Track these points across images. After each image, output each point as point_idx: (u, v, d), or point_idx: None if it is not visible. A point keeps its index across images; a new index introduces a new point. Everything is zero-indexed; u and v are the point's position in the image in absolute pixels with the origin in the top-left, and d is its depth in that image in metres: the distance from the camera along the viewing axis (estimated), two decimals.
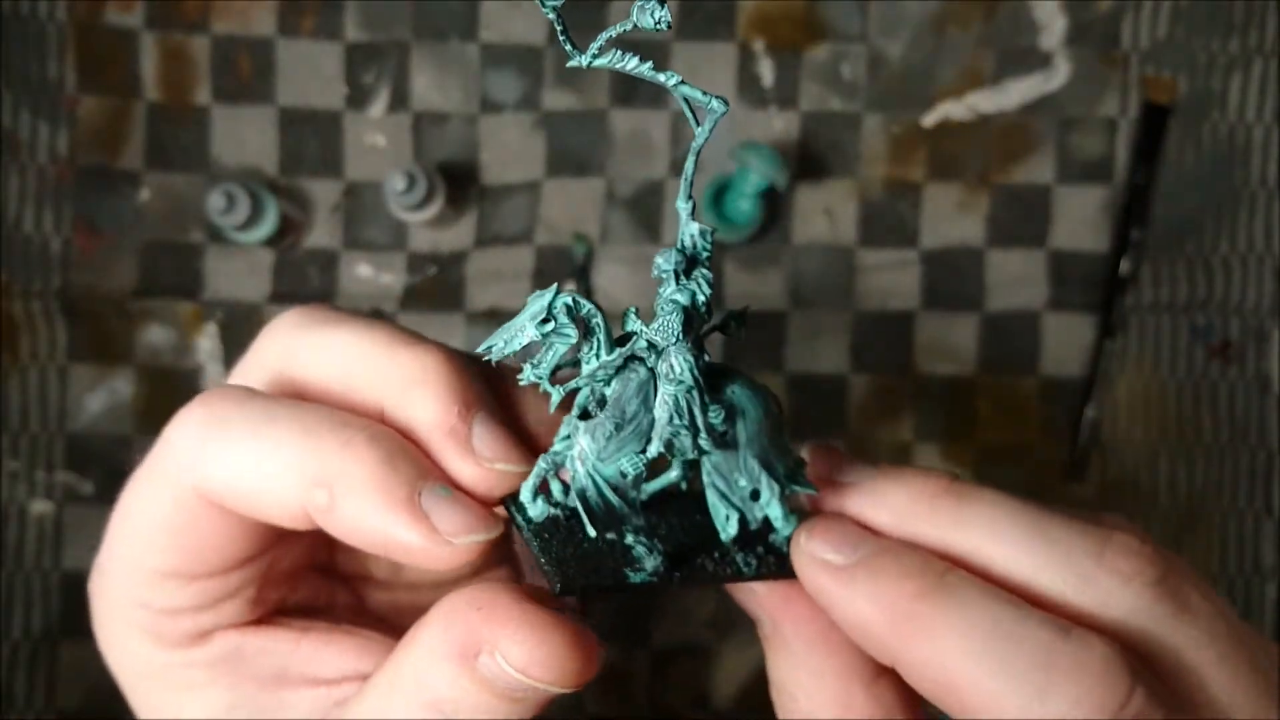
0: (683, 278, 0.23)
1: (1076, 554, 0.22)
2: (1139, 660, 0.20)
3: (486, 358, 0.23)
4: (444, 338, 0.56)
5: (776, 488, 0.24)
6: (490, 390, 0.26)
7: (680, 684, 0.55)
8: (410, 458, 0.24)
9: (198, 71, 0.54)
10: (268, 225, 0.51)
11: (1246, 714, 0.21)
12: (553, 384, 0.23)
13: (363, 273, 0.55)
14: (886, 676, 0.24)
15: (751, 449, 0.23)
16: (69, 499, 0.54)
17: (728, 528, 0.24)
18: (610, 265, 0.55)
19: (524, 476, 0.24)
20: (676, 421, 0.22)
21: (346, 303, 0.55)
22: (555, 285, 0.23)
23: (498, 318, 0.55)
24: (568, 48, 0.22)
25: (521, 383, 0.23)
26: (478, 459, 0.24)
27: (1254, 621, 0.56)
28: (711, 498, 0.24)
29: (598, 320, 0.23)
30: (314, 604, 0.29)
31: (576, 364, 0.23)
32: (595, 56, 0.22)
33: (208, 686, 0.26)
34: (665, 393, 0.22)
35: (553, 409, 0.24)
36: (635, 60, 0.22)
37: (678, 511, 0.25)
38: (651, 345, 0.23)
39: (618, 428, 0.22)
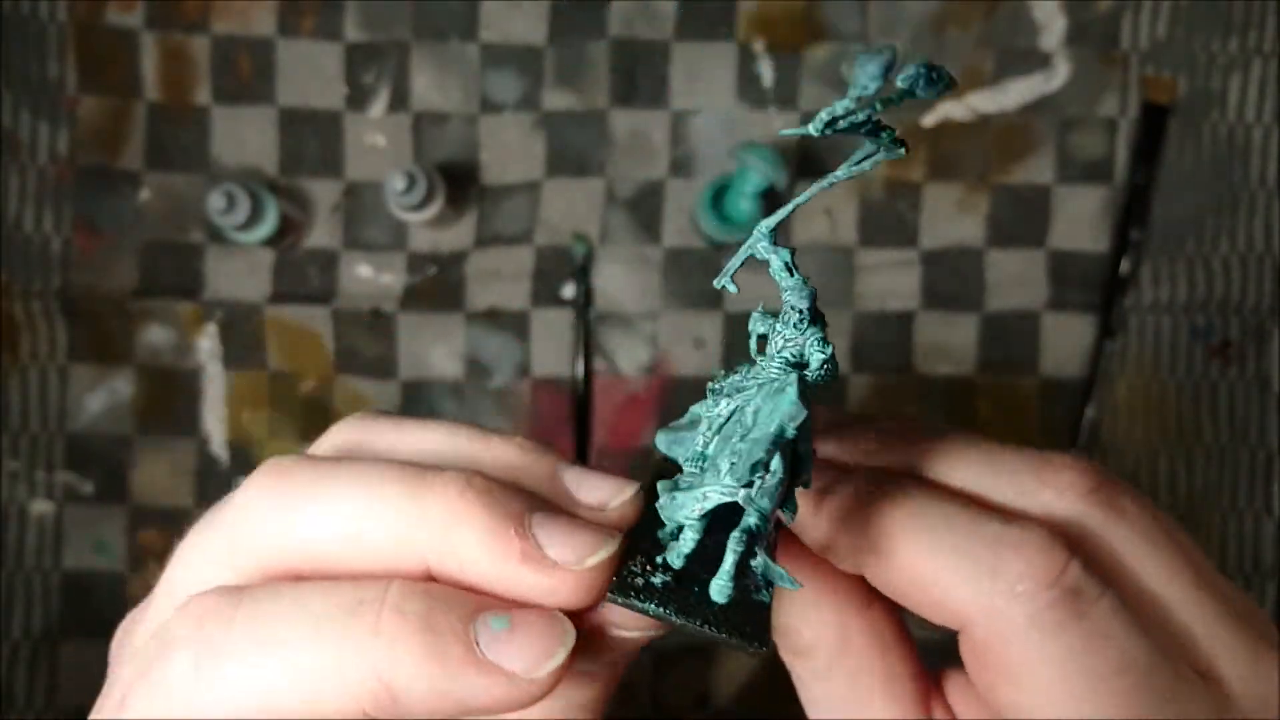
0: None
1: (1020, 473, 0.24)
2: (1076, 543, 0.22)
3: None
4: (444, 338, 0.57)
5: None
6: (535, 473, 0.23)
7: (681, 684, 0.55)
8: (450, 605, 0.20)
9: (198, 71, 0.55)
10: (268, 225, 0.51)
11: (1178, 601, 0.23)
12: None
13: (363, 273, 0.55)
14: (878, 602, 0.25)
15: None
16: (69, 499, 0.54)
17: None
18: (610, 265, 0.55)
19: (615, 559, 0.21)
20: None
21: (347, 303, 0.55)
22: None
23: (498, 318, 0.55)
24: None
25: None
26: (561, 569, 0.21)
27: None
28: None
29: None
30: None
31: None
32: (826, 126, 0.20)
33: None
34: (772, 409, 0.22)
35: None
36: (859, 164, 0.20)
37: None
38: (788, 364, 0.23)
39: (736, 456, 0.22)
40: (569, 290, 0.55)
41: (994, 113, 0.55)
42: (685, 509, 0.21)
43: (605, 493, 0.22)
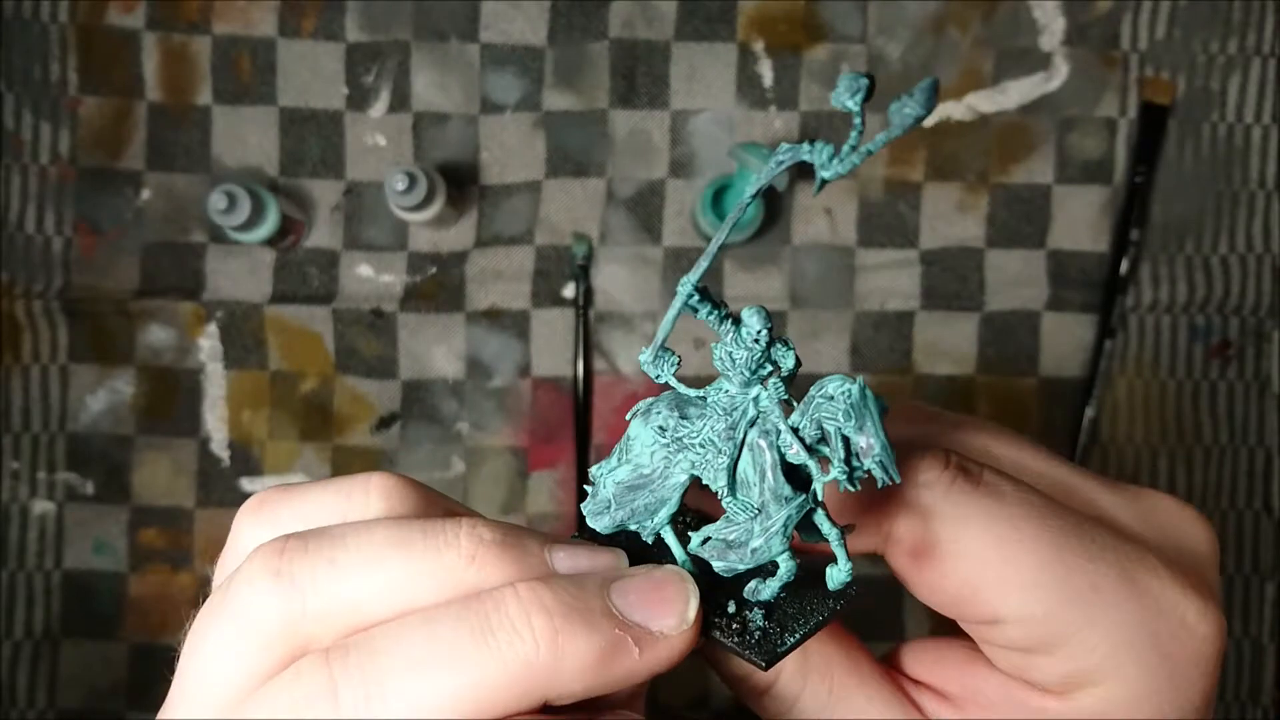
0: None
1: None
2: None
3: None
4: (444, 336, 0.57)
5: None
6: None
7: (680, 684, 0.55)
8: (585, 592, 0.21)
9: (198, 72, 0.55)
10: (268, 225, 0.51)
11: (1047, 468, 0.26)
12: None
13: (363, 273, 0.55)
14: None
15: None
16: (70, 499, 0.54)
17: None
18: (610, 265, 0.55)
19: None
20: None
21: (347, 303, 0.55)
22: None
23: (498, 317, 0.55)
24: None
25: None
26: (668, 638, 0.21)
27: (1254, 621, 0.56)
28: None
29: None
30: None
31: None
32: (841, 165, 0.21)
33: None
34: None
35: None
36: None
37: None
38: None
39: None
40: (569, 290, 0.55)
41: (994, 113, 0.55)
42: (768, 548, 0.22)
43: (669, 614, 0.22)
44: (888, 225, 0.55)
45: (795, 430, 0.22)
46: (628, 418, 0.23)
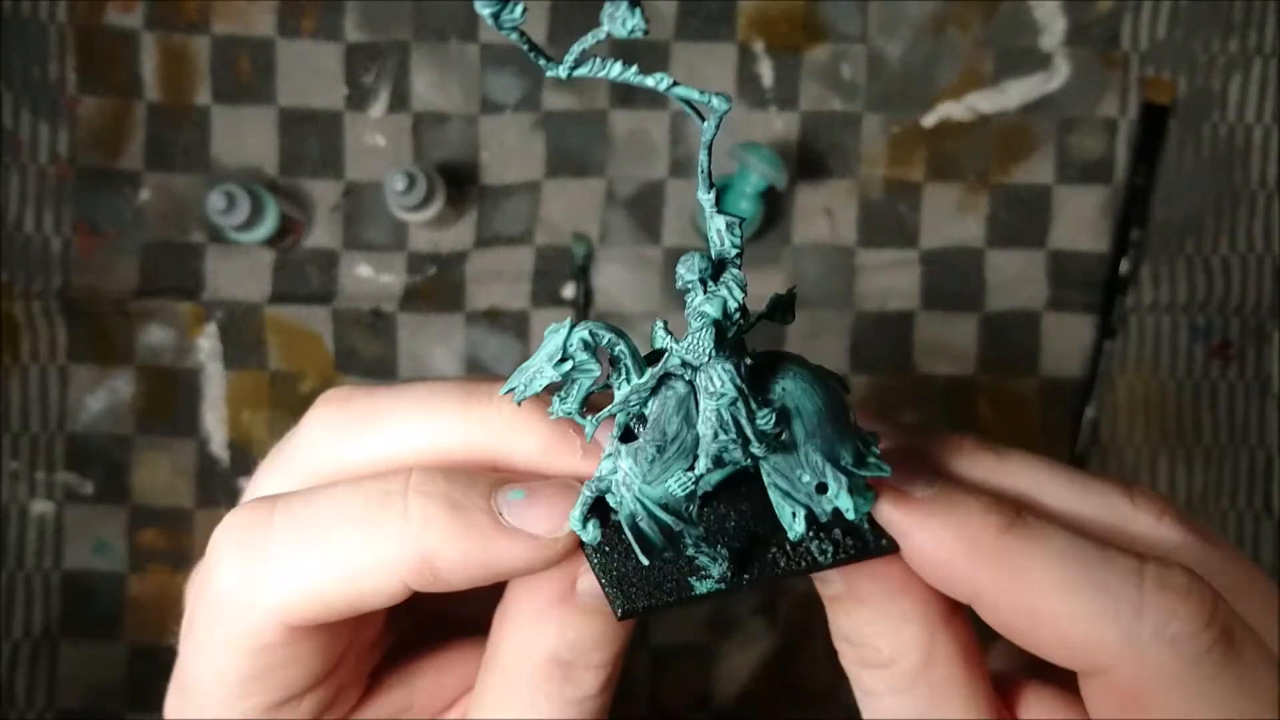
0: (710, 284, 0.21)
1: (1111, 498, 0.24)
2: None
3: (513, 398, 0.22)
4: (444, 338, 0.57)
5: (844, 479, 0.22)
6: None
7: (680, 684, 0.55)
8: (470, 483, 0.22)
9: (198, 72, 0.55)
10: (268, 225, 0.51)
11: (1262, 629, 0.22)
12: (584, 415, 0.22)
13: (363, 273, 0.55)
14: (959, 614, 0.25)
15: (813, 444, 0.22)
16: (69, 499, 0.54)
17: (795, 525, 0.23)
18: (610, 265, 0.55)
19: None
20: (723, 436, 0.21)
21: (346, 303, 0.55)
22: (569, 321, 0.21)
23: (498, 318, 0.55)
24: (540, 61, 0.19)
25: (551, 417, 0.22)
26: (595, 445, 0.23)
27: None
28: (774, 497, 0.23)
29: (621, 348, 0.21)
30: (405, 640, 0.28)
31: (609, 387, 0.22)
32: (573, 68, 0.20)
33: None
34: (707, 407, 0.21)
35: (589, 439, 0.22)
36: (619, 66, 0.19)
37: (748, 497, 0.24)
38: (685, 363, 0.21)
39: (660, 450, 0.21)
40: (569, 290, 0.55)
41: (994, 113, 0.55)
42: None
43: (544, 521, 0.23)
44: (888, 225, 0.55)
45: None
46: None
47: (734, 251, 0.21)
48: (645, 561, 0.22)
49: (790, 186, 0.55)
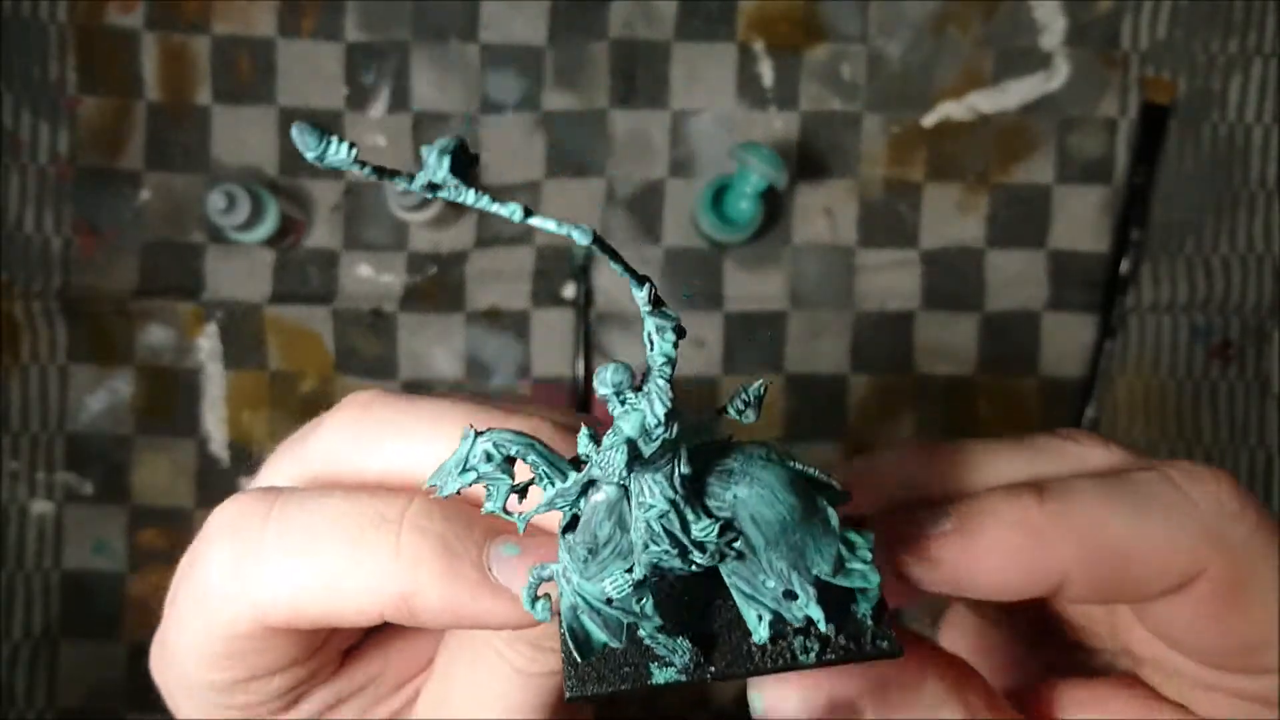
0: (630, 396, 0.19)
1: (1059, 447, 0.24)
2: None
3: (432, 493, 0.21)
4: (444, 337, 0.57)
5: (812, 590, 0.21)
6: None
7: (681, 685, 0.55)
8: (466, 528, 0.22)
9: (198, 72, 0.55)
10: (268, 225, 0.51)
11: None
12: (509, 511, 0.21)
13: (363, 273, 0.55)
14: (969, 669, 0.24)
15: (775, 551, 0.21)
16: (69, 499, 0.54)
17: (759, 629, 0.21)
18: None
19: None
20: (654, 547, 0.20)
21: (346, 303, 0.55)
22: (473, 432, 0.20)
23: (498, 318, 0.55)
24: (394, 181, 0.17)
25: (483, 513, 0.21)
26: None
27: None
28: (737, 598, 0.21)
29: (532, 458, 0.20)
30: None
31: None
32: (428, 191, 0.18)
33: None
34: (637, 517, 0.20)
35: (521, 531, 0.22)
36: (473, 194, 0.18)
37: (719, 585, 0.22)
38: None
39: (592, 552, 0.20)
40: (569, 290, 0.55)
41: (994, 113, 0.55)
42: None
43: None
44: (888, 225, 0.55)
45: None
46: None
47: (661, 360, 0.20)
48: (579, 659, 0.21)
49: (790, 186, 0.55)
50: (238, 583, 0.22)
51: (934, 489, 0.24)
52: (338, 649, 0.26)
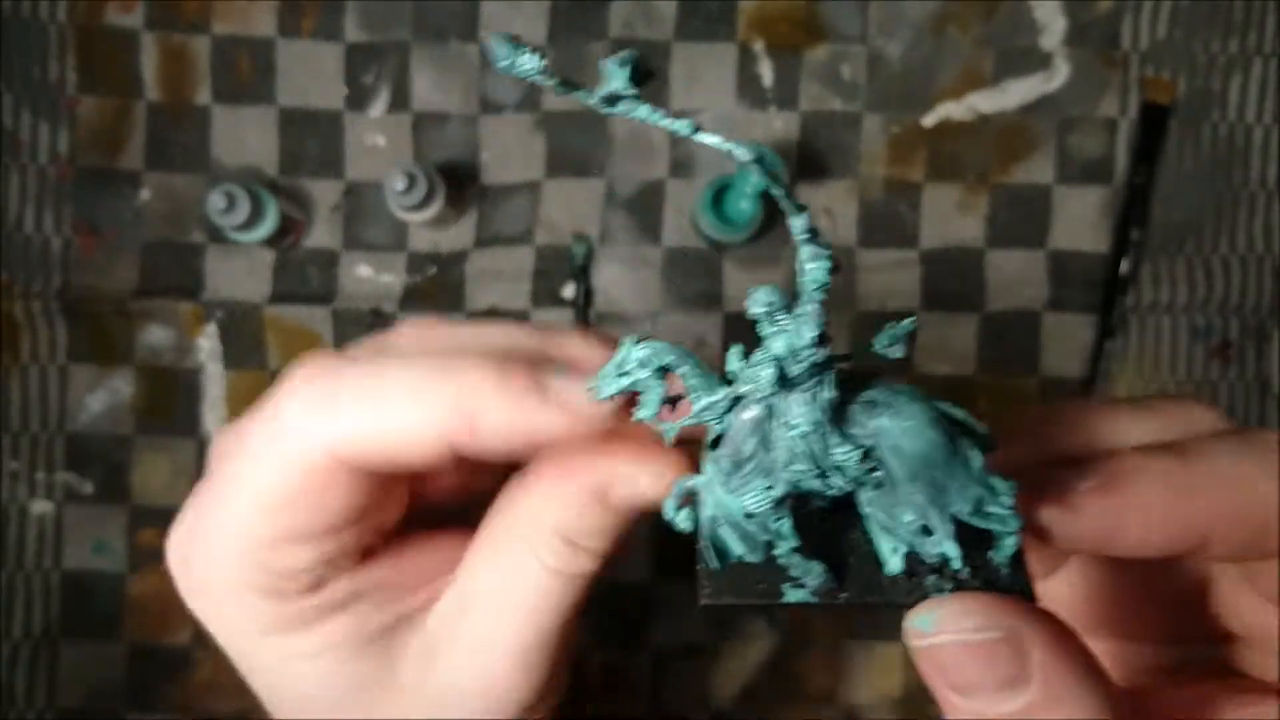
0: (781, 318, 0.20)
1: (1183, 412, 0.26)
2: None
3: (590, 396, 0.23)
4: None
5: (950, 526, 0.21)
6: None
7: (680, 685, 0.55)
8: (522, 357, 0.25)
9: (198, 71, 0.55)
10: (268, 225, 0.51)
11: None
12: (660, 420, 0.21)
13: (363, 273, 0.55)
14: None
15: (914, 485, 0.21)
16: (69, 499, 0.54)
17: (891, 561, 0.22)
18: (610, 265, 0.55)
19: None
20: (796, 467, 0.20)
21: (346, 303, 0.55)
22: (634, 337, 0.22)
23: (498, 318, 0.55)
24: (580, 96, 0.19)
25: (633, 422, 0.22)
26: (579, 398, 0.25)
27: None
28: (872, 529, 0.22)
29: (685, 369, 0.21)
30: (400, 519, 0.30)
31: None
32: (608, 107, 0.19)
33: (325, 621, 0.27)
34: (781, 435, 0.20)
35: (671, 443, 0.23)
36: (646, 109, 0.19)
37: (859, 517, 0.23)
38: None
39: (736, 466, 0.21)
40: (569, 290, 0.55)
41: (994, 113, 0.55)
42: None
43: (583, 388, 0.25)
44: (888, 225, 0.55)
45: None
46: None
47: (813, 286, 0.20)
48: (716, 565, 0.22)
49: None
50: (318, 418, 0.24)
51: (1071, 447, 0.25)
52: (364, 542, 0.27)
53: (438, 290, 0.55)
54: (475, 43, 0.55)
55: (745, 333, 0.22)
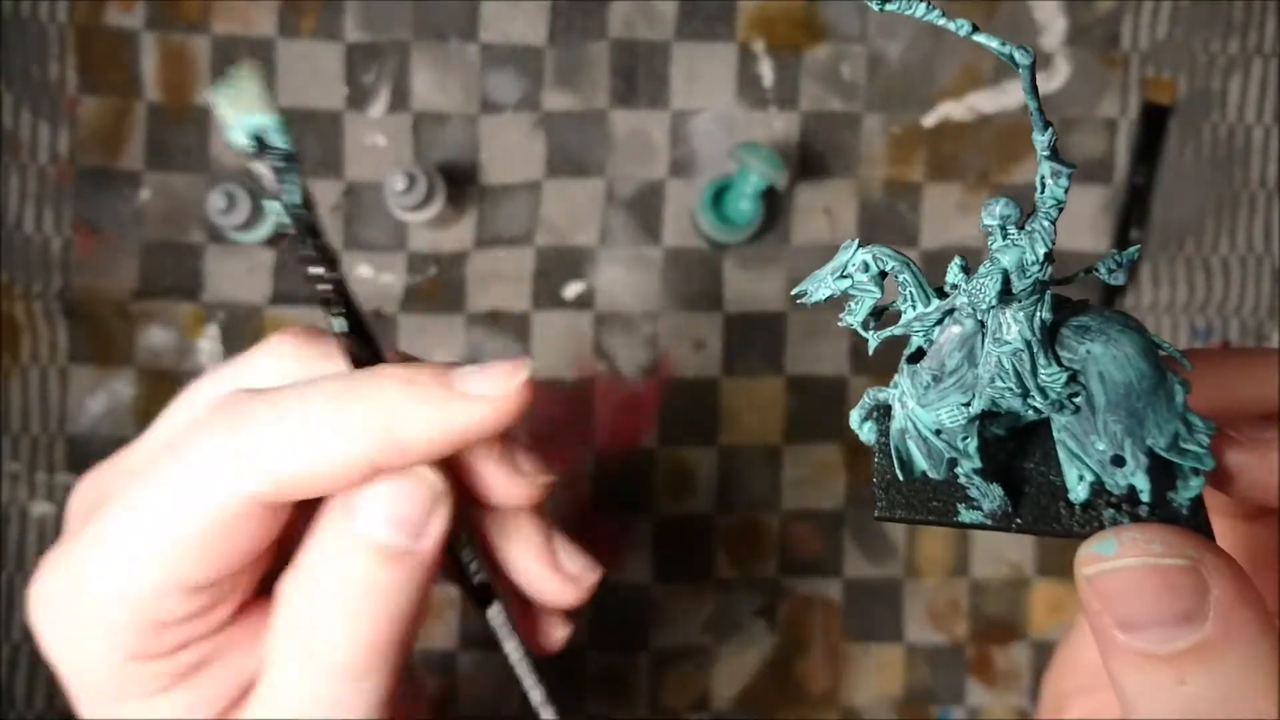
0: (1013, 231, 0.21)
1: None
2: None
3: (799, 300, 0.23)
4: (444, 338, 0.57)
5: (1143, 459, 0.21)
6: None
7: (680, 686, 0.55)
8: (423, 366, 0.26)
9: (198, 72, 0.55)
10: (267, 225, 0.51)
11: None
12: (867, 329, 0.22)
13: (363, 273, 0.55)
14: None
15: (1114, 414, 0.21)
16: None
17: (1077, 489, 0.22)
18: (610, 265, 0.55)
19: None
20: (1000, 383, 0.21)
21: None
22: (855, 241, 0.22)
23: (498, 319, 0.55)
24: None
25: (840, 325, 0.22)
26: (489, 397, 0.26)
27: None
28: (1061, 454, 0.22)
29: (905, 276, 0.22)
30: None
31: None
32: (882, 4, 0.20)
33: (172, 690, 0.26)
34: (990, 351, 0.21)
35: (871, 352, 0.23)
36: (923, 7, 0.20)
37: (1044, 442, 0.23)
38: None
39: (936, 379, 0.21)
40: (569, 291, 0.55)
41: (994, 113, 0.55)
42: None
43: (490, 380, 0.26)
44: (888, 225, 0.55)
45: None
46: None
47: (1050, 202, 0.21)
48: (900, 477, 0.22)
49: (790, 186, 0.55)
50: (234, 457, 0.24)
51: (1258, 394, 0.24)
52: (255, 581, 0.27)
53: (438, 290, 0.55)
54: (475, 43, 0.55)
55: (745, 332, 0.22)
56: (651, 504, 0.54)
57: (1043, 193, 0.21)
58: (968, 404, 0.21)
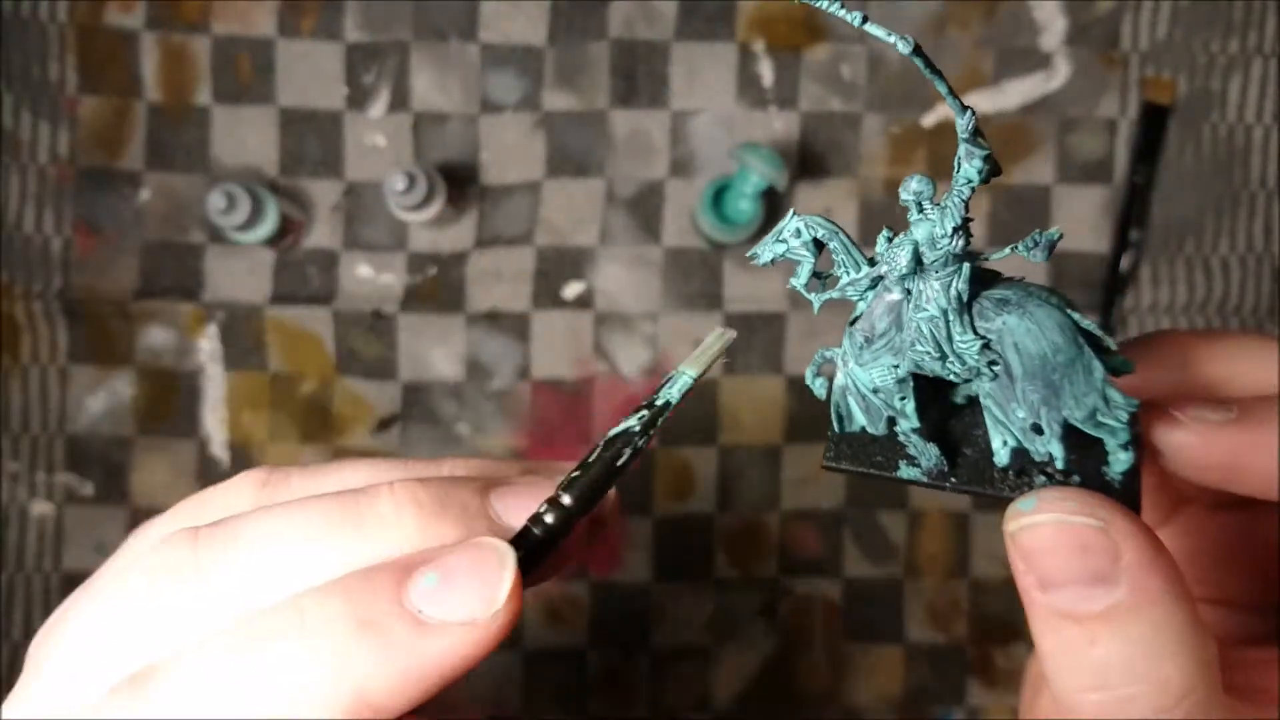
0: (927, 207, 0.23)
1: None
2: None
3: (751, 261, 0.23)
4: (444, 338, 0.57)
5: (1057, 428, 0.22)
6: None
7: (680, 686, 0.55)
8: (373, 590, 0.20)
9: (198, 72, 0.55)
10: (268, 225, 0.51)
11: None
12: (809, 291, 0.24)
13: (363, 273, 0.55)
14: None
15: (1030, 384, 0.22)
16: (69, 500, 0.54)
17: (1000, 453, 0.23)
18: (610, 265, 0.55)
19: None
20: (919, 348, 0.22)
21: (347, 303, 0.55)
22: (792, 210, 0.23)
23: (498, 319, 0.55)
24: None
25: (788, 288, 0.24)
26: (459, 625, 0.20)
27: None
28: (988, 419, 0.23)
29: (835, 243, 0.23)
30: None
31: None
32: None
33: None
34: (912, 316, 0.22)
35: (816, 312, 0.24)
36: None
37: (978, 409, 0.24)
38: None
39: (867, 340, 0.23)
40: (569, 291, 0.55)
41: (994, 113, 0.55)
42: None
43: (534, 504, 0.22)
44: (888, 225, 0.55)
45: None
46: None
47: (963, 181, 0.22)
48: (836, 430, 0.24)
49: (790, 186, 0.55)
50: None
51: (1213, 376, 0.25)
52: None
53: (438, 290, 0.55)
54: (475, 43, 0.55)
55: (746, 332, 0.23)
56: (651, 504, 0.54)
57: (958, 171, 0.22)
58: (896, 366, 0.23)
